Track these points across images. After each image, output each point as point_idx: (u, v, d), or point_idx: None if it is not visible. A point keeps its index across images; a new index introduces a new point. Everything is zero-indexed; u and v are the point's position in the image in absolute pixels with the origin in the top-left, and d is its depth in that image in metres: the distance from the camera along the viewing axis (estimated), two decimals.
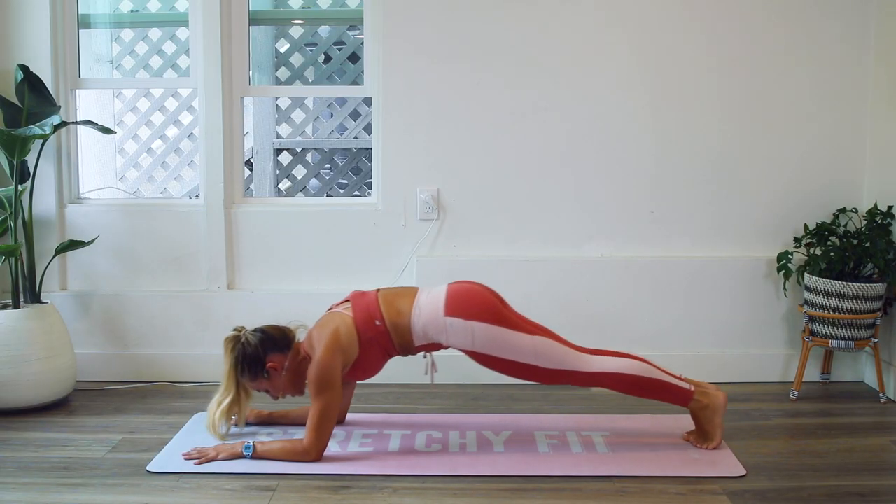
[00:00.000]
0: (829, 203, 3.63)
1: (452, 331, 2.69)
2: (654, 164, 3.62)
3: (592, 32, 3.56)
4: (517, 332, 2.71)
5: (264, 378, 2.75)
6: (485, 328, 2.68)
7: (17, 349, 3.14)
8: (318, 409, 2.65)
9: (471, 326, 2.68)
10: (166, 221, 3.66)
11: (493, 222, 3.64)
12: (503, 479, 2.59)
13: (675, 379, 2.80)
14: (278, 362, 2.74)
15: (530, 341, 2.71)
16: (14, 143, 3.21)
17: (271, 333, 2.77)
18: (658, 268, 3.62)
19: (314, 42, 5.73)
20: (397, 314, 2.73)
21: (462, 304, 2.71)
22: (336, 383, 2.66)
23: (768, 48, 3.57)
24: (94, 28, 4.27)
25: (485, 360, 2.74)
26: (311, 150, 6.04)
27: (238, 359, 2.72)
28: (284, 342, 2.78)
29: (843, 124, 3.62)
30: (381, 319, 2.72)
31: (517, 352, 2.70)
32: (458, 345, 2.73)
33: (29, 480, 2.57)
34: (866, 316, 3.29)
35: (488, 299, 2.75)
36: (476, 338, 2.69)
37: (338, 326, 2.71)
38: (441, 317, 2.70)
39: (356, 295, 2.82)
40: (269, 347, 2.74)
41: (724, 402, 2.81)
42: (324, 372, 2.64)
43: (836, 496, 2.47)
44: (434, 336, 2.72)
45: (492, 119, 3.59)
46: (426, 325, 2.71)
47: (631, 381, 2.75)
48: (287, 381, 2.78)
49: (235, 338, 2.75)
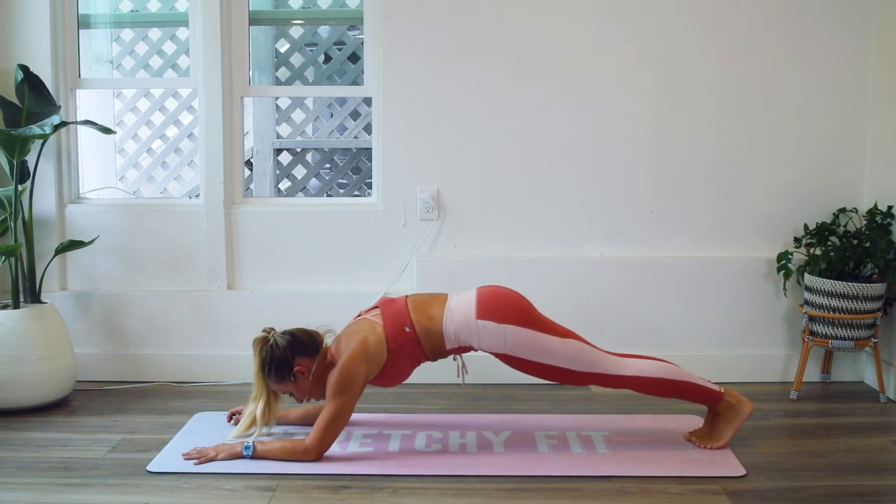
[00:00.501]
0: (829, 203, 3.63)
1: (485, 333, 2.69)
2: (654, 164, 3.62)
3: (593, 32, 3.56)
4: (548, 334, 2.72)
5: (291, 381, 2.74)
6: (516, 331, 2.69)
7: (17, 349, 3.14)
8: (331, 411, 2.65)
9: (502, 329, 2.69)
10: (166, 221, 3.66)
11: (494, 222, 3.64)
12: (503, 479, 2.59)
13: (704, 381, 2.83)
14: (305, 366, 2.74)
15: (561, 344, 2.72)
16: (14, 143, 3.21)
17: (300, 337, 2.77)
18: (658, 268, 3.62)
19: (314, 42, 5.73)
20: (429, 319, 2.74)
21: (494, 307, 2.72)
22: (355, 390, 2.66)
23: (769, 48, 3.57)
24: (94, 28, 4.27)
25: (515, 362, 2.74)
26: (311, 150, 6.04)
27: (266, 360, 2.72)
28: (312, 346, 2.77)
29: (843, 124, 3.62)
30: (412, 326, 2.72)
31: (548, 354, 2.71)
32: (489, 347, 2.73)
33: (29, 480, 2.57)
34: (866, 316, 3.29)
35: (519, 302, 2.77)
36: (508, 340, 2.69)
37: (367, 335, 2.71)
38: (473, 320, 2.70)
39: (385, 301, 2.82)
40: (297, 350, 2.73)
41: (750, 412, 2.83)
42: (346, 376, 2.64)
43: (836, 496, 2.47)
44: (466, 339, 2.73)
45: (492, 119, 3.59)
46: (458, 329, 2.71)
47: (664, 383, 2.77)
48: (313, 385, 2.77)
49: (264, 339, 2.75)
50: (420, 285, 3.57)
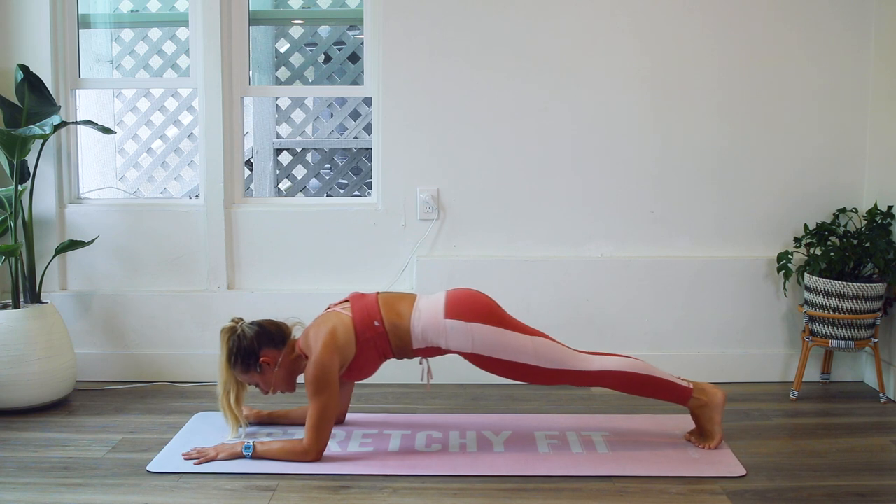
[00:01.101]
0: (829, 203, 3.63)
1: (453, 333, 2.70)
2: (654, 165, 3.62)
3: (593, 33, 3.56)
4: (516, 333, 2.72)
5: (256, 372, 2.74)
6: (484, 329, 2.70)
7: (17, 349, 3.14)
8: (316, 409, 2.65)
9: (470, 328, 2.69)
10: (166, 221, 3.66)
11: (494, 222, 3.64)
12: (503, 479, 2.59)
13: (673, 378, 2.81)
14: (272, 357, 2.74)
15: (530, 342, 2.72)
16: (14, 143, 3.21)
17: (267, 327, 2.77)
18: (658, 268, 3.62)
19: (314, 42, 5.73)
20: (397, 316, 2.74)
21: (462, 306, 2.72)
22: (334, 383, 2.66)
23: (769, 49, 3.57)
24: (94, 28, 4.28)
25: (485, 362, 2.74)
26: (311, 150, 6.04)
27: (232, 350, 2.72)
28: (280, 337, 2.78)
29: (843, 124, 3.62)
30: (381, 321, 2.73)
31: (517, 353, 2.71)
32: (457, 347, 2.73)
33: (29, 480, 2.57)
34: (866, 316, 3.29)
35: (486, 302, 2.78)
36: (476, 339, 2.70)
37: (335, 325, 2.71)
38: (441, 319, 2.70)
39: (356, 296, 2.83)
40: (264, 341, 2.74)
41: (723, 401, 2.82)
42: (321, 371, 2.64)
43: (836, 496, 2.47)
44: (433, 339, 2.73)
45: (492, 119, 3.59)
46: (426, 328, 2.72)
47: (631, 378, 2.77)
48: (279, 377, 2.77)
49: (231, 329, 2.75)
50: (420, 285, 3.57)
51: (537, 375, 2.75)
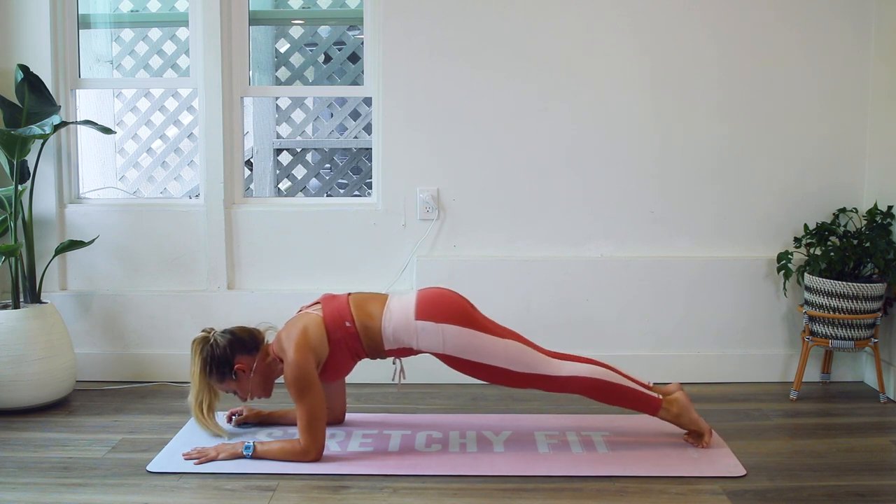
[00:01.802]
0: (829, 203, 3.63)
1: (424, 334, 2.69)
2: (654, 164, 3.62)
3: (593, 33, 3.56)
4: (488, 335, 2.71)
5: (232, 380, 2.75)
6: (455, 330, 2.69)
7: (17, 349, 3.14)
8: (305, 412, 2.64)
9: (441, 329, 2.69)
10: (166, 221, 3.66)
11: (494, 222, 3.64)
12: (503, 479, 2.59)
13: (643, 388, 2.81)
14: (246, 364, 2.75)
15: (501, 344, 2.71)
16: (14, 143, 3.21)
17: (240, 335, 2.78)
18: (658, 268, 3.62)
19: (314, 42, 5.73)
20: (368, 317, 2.74)
21: (433, 307, 2.71)
22: (315, 382, 2.66)
23: (769, 49, 3.57)
24: (94, 28, 4.28)
25: (456, 363, 2.74)
26: (311, 150, 6.04)
27: (206, 360, 2.72)
28: (253, 344, 2.78)
29: (843, 124, 3.62)
30: (352, 321, 2.72)
31: (488, 355, 2.70)
32: (428, 348, 2.72)
33: (29, 480, 2.57)
34: (866, 316, 3.29)
35: (459, 303, 2.76)
36: (447, 340, 2.69)
37: (306, 325, 2.71)
38: (412, 320, 2.70)
39: (327, 297, 2.83)
40: (237, 349, 2.74)
41: (686, 397, 2.82)
42: (300, 372, 2.63)
43: (836, 496, 2.47)
44: (405, 340, 2.72)
45: (492, 119, 3.59)
46: (396, 329, 2.71)
47: (600, 386, 2.75)
48: (255, 383, 2.78)
49: (204, 339, 2.75)
50: (420, 285, 3.57)
51: (508, 378, 2.74)
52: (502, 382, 2.76)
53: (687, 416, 2.81)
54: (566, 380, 2.74)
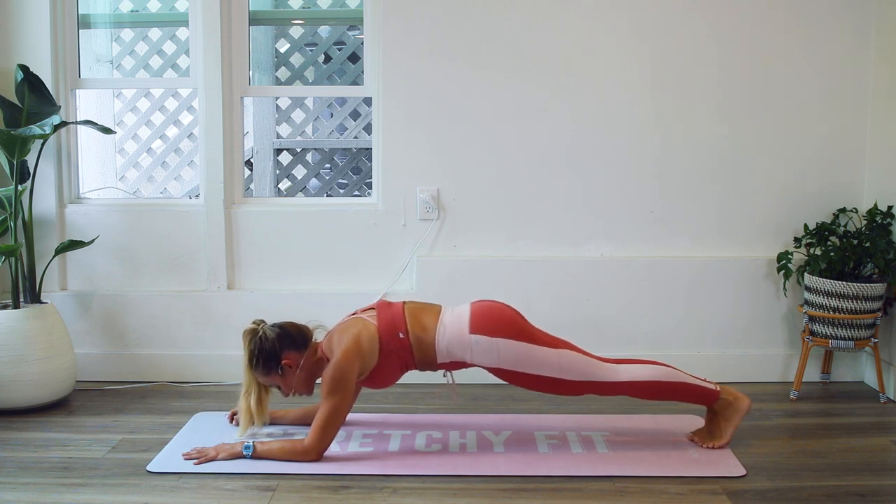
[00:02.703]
0: (829, 203, 3.63)
1: (478, 348, 2.69)
2: (654, 164, 3.62)
3: (593, 33, 3.56)
4: (541, 346, 2.71)
5: (278, 374, 2.74)
6: (509, 344, 2.68)
7: (17, 349, 3.14)
8: (327, 410, 2.64)
9: (495, 343, 2.68)
10: (166, 221, 3.66)
11: (494, 222, 3.64)
12: (503, 479, 2.59)
13: (701, 381, 2.82)
14: (293, 360, 2.74)
15: (555, 355, 2.71)
16: (14, 143, 3.21)
17: (289, 330, 2.77)
18: (658, 268, 3.62)
19: (314, 42, 5.73)
20: (422, 329, 2.73)
21: (486, 321, 2.70)
22: (349, 387, 2.66)
23: (769, 49, 3.57)
24: (94, 28, 4.27)
25: (510, 376, 2.73)
26: (311, 150, 6.04)
27: (254, 352, 2.72)
28: (302, 340, 2.78)
29: (843, 124, 3.62)
30: (406, 332, 2.71)
31: (542, 366, 2.70)
32: (483, 362, 2.72)
33: (29, 480, 2.57)
34: (866, 316, 3.29)
35: (511, 316, 2.76)
36: (501, 354, 2.69)
37: (360, 332, 2.70)
38: (466, 334, 2.69)
39: (382, 304, 2.82)
40: (286, 344, 2.74)
41: (748, 408, 2.83)
42: (340, 373, 2.63)
43: (836, 496, 2.47)
44: (458, 354, 2.72)
45: (492, 119, 3.59)
46: (450, 343, 2.70)
47: (660, 386, 2.76)
48: (300, 380, 2.77)
49: (253, 331, 2.75)
50: (420, 285, 3.57)
51: (563, 387, 2.74)
52: (558, 392, 2.76)
53: (732, 413, 2.81)
54: (626, 385, 2.75)
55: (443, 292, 3.54)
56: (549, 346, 2.72)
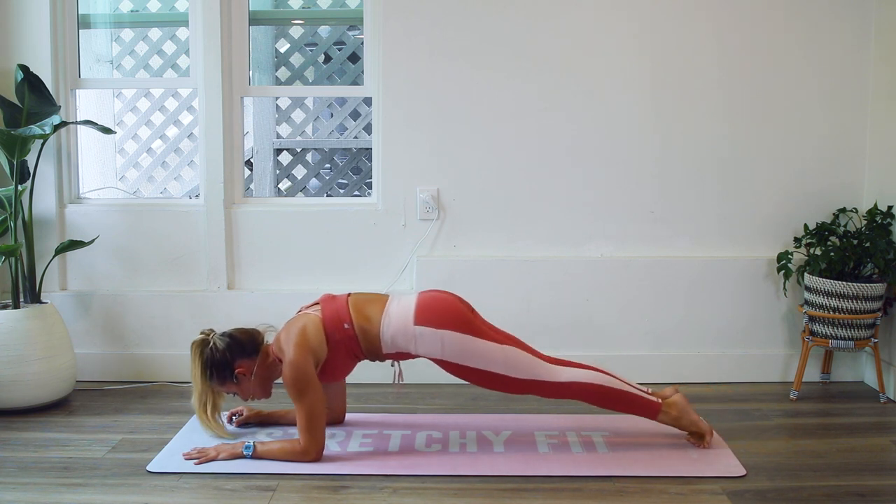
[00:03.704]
0: (829, 203, 3.63)
1: (422, 340, 2.68)
2: (654, 164, 3.62)
3: (593, 33, 3.56)
4: (487, 340, 2.70)
5: (233, 382, 2.75)
6: (454, 336, 2.67)
7: (17, 349, 3.14)
8: (304, 412, 2.64)
9: (440, 335, 2.67)
10: (166, 221, 3.66)
11: (493, 222, 3.64)
12: (503, 479, 2.59)
13: (642, 392, 2.80)
14: (247, 367, 2.75)
15: (500, 350, 2.70)
16: (14, 143, 3.21)
17: (239, 338, 2.77)
18: (658, 268, 3.62)
19: (314, 42, 5.74)
20: (366, 320, 2.73)
21: (432, 312, 2.70)
22: (314, 381, 2.65)
23: (769, 49, 3.57)
24: (94, 28, 4.28)
25: (454, 368, 2.73)
26: (311, 150, 6.04)
27: (206, 363, 2.72)
28: (252, 346, 2.78)
29: (843, 124, 3.62)
30: (350, 323, 2.71)
31: (486, 361, 2.68)
32: (427, 353, 2.71)
33: (29, 480, 2.57)
34: (866, 316, 3.29)
35: (458, 308, 2.75)
36: (445, 346, 2.68)
37: (305, 325, 2.70)
38: (411, 326, 2.69)
39: (326, 298, 2.82)
40: (236, 353, 2.74)
41: (684, 399, 2.82)
42: (298, 372, 2.63)
43: (836, 496, 2.47)
44: (403, 345, 2.71)
45: (492, 119, 3.59)
46: (395, 335, 2.70)
47: (599, 391, 2.74)
48: (256, 385, 2.78)
49: (203, 342, 2.75)
50: (420, 285, 3.58)
51: (505, 384, 2.73)
52: (500, 388, 2.75)
53: (686, 419, 2.81)
54: (564, 385, 2.73)
55: None
56: (495, 341, 2.71)
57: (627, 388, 2.78)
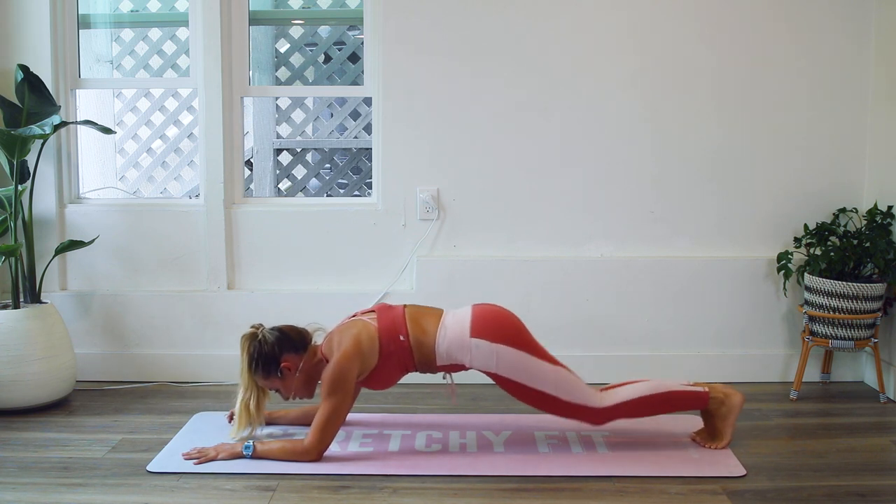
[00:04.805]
0: (829, 203, 3.63)
1: (477, 352, 2.68)
2: (654, 164, 3.62)
3: (592, 34, 3.56)
4: (540, 359, 2.70)
5: (278, 377, 2.74)
6: (509, 351, 2.68)
7: (17, 349, 3.14)
8: (326, 410, 2.64)
9: (495, 349, 2.67)
10: (166, 221, 3.66)
11: (493, 222, 3.64)
12: (503, 479, 2.59)
13: (687, 386, 2.81)
14: (293, 363, 2.74)
15: (552, 371, 2.70)
16: (14, 143, 3.21)
17: (288, 333, 2.77)
18: (658, 268, 3.62)
19: (314, 42, 5.74)
20: (422, 332, 2.73)
21: (488, 325, 2.70)
22: (349, 387, 2.66)
23: (769, 48, 3.57)
24: (94, 28, 4.27)
25: (506, 384, 2.72)
26: (311, 150, 6.04)
27: (253, 356, 2.72)
28: (301, 343, 2.78)
29: (843, 124, 3.62)
30: (406, 335, 2.71)
31: (538, 380, 2.69)
32: (481, 366, 2.71)
33: (29, 480, 2.57)
34: (866, 316, 3.29)
35: (514, 323, 2.75)
36: (500, 360, 2.68)
37: (360, 332, 2.70)
38: (467, 338, 2.68)
39: (383, 307, 2.81)
40: (285, 347, 2.74)
41: (741, 403, 2.81)
42: (339, 374, 2.63)
43: (836, 496, 2.47)
44: (458, 357, 2.71)
45: (492, 119, 3.59)
46: (450, 346, 2.70)
47: (648, 402, 2.75)
48: (300, 383, 2.77)
49: (252, 335, 2.75)
50: (420, 285, 3.58)
51: (554, 405, 2.73)
52: (548, 409, 2.74)
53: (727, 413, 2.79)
54: (613, 409, 2.74)
55: (443, 292, 3.55)
56: (548, 360, 2.72)
57: (675, 387, 2.78)
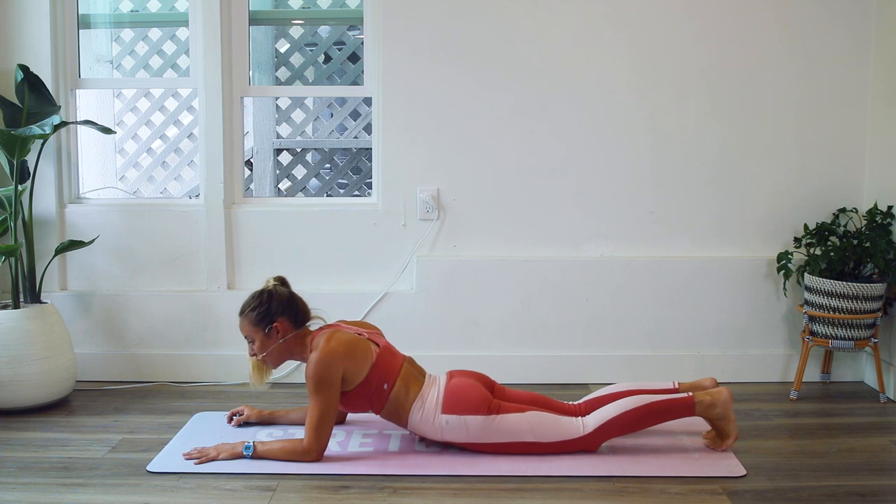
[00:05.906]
0: (829, 203, 3.63)
1: (447, 428, 2.72)
2: (653, 164, 3.62)
3: (591, 33, 3.56)
4: (509, 414, 2.73)
5: (263, 332, 2.76)
6: (477, 420, 2.71)
7: (17, 349, 3.14)
8: (316, 409, 2.65)
9: (464, 421, 2.71)
10: (166, 221, 3.66)
11: (493, 222, 3.64)
12: (503, 479, 2.59)
13: (670, 394, 2.79)
14: (284, 328, 2.76)
15: (524, 420, 2.72)
16: (14, 143, 3.21)
17: (298, 304, 2.82)
18: (658, 268, 3.62)
19: (314, 42, 5.74)
20: (405, 394, 2.75)
21: (458, 401, 2.73)
22: (334, 383, 2.66)
23: (768, 48, 3.57)
24: (94, 28, 4.27)
25: (484, 447, 2.75)
26: (311, 150, 6.04)
27: (260, 301, 2.76)
28: (302, 319, 2.82)
29: (843, 124, 3.62)
30: (391, 387, 2.74)
31: (513, 433, 2.72)
32: (453, 439, 2.74)
33: (29, 480, 2.57)
34: (866, 316, 3.29)
35: (479, 392, 2.76)
36: (470, 430, 2.71)
37: (360, 344, 2.73)
38: (439, 414, 2.72)
39: (387, 348, 2.82)
40: (288, 311, 2.78)
41: (730, 397, 2.78)
42: (322, 369, 2.63)
43: (836, 496, 2.47)
44: (428, 433, 2.76)
45: (492, 119, 3.59)
46: (422, 422, 2.74)
47: (633, 416, 2.73)
48: (277, 350, 2.78)
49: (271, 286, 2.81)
50: (420, 285, 3.58)
51: (539, 449, 2.74)
52: (535, 452, 2.74)
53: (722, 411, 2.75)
54: (594, 434, 2.73)
55: (443, 292, 3.55)
56: (518, 411, 2.73)
57: (657, 399, 2.75)
